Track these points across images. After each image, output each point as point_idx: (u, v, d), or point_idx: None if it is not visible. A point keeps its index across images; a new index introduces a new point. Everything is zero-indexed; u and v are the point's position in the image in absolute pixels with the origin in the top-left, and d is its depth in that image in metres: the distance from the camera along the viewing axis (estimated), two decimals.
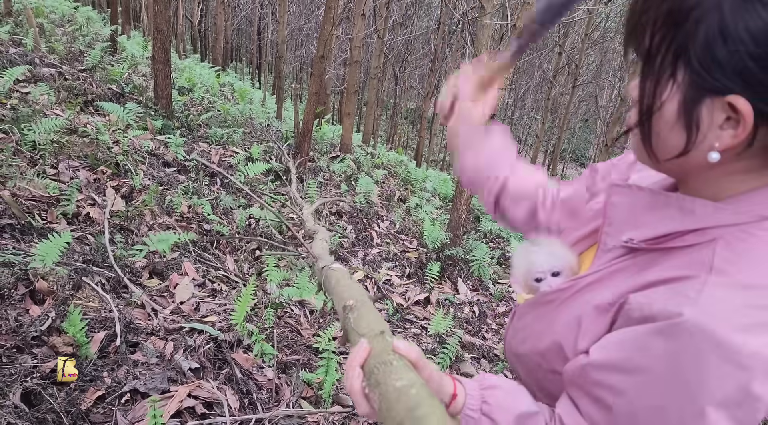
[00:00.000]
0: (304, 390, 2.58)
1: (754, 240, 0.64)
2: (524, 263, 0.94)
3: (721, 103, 0.60)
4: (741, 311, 0.58)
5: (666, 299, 0.63)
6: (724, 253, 0.64)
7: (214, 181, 4.66)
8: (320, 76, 6.11)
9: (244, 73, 23.64)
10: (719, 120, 0.61)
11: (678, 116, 0.64)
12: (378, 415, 0.68)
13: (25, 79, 4.58)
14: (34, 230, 2.79)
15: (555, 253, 0.91)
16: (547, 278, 0.90)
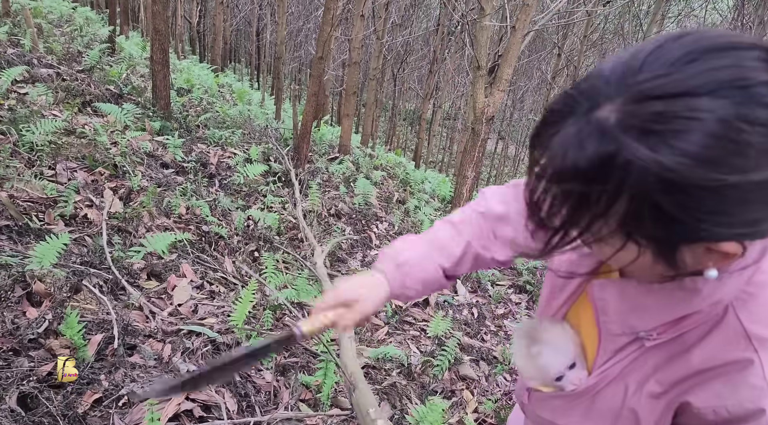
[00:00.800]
0: (302, 392, 2.56)
1: (760, 292, 0.67)
2: (534, 368, 0.90)
3: (695, 247, 0.59)
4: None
5: (738, 399, 0.65)
6: (747, 316, 0.66)
7: (213, 182, 4.65)
8: (319, 77, 6.10)
9: (243, 74, 23.63)
10: (705, 255, 0.60)
11: (656, 262, 0.62)
12: None
13: (23, 80, 4.57)
14: (31, 232, 2.78)
15: (558, 346, 0.88)
16: (566, 374, 0.86)
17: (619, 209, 0.55)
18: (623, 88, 0.54)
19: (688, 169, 0.51)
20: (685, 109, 0.51)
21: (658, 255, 0.60)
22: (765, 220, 0.55)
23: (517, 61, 4.46)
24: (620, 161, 0.53)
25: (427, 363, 3.17)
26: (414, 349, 3.35)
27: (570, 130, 0.56)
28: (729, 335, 0.67)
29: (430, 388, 2.98)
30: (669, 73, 0.52)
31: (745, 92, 0.50)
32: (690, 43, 0.54)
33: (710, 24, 12.35)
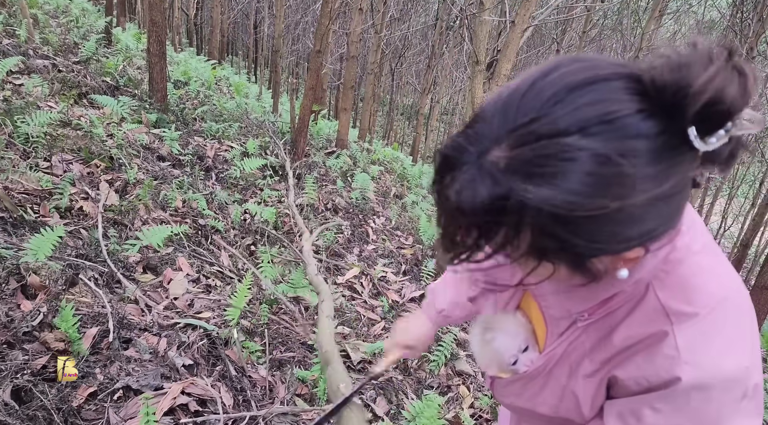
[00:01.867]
0: (298, 387, 2.56)
1: (675, 270, 0.73)
2: (490, 354, 0.98)
3: (603, 258, 0.65)
4: (715, 346, 0.69)
5: (655, 369, 0.71)
6: (664, 293, 0.72)
7: (209, 175, 4.63)
8: (317, 70, 6.07)
9: (240, 67, 23.54)
10: (614, 260, 0.67)
11: (572, 274, 0.67)
12: None
13: (18, 71, 4.53)
14: (26, 224, 2.76)
15: (510, 331, 0.95)
16: (519, 357, 0.94)
17: (524, 238, 0.60)
18: (504, 131, 0.58)
19: (572, 203, 0.55)
20: (560, 150, 0.55)
21: (571, 270, 0.66)
22: (658, 227, 0.61)
23: (516, 56, 4.44)
24: (513, 202, 0.57)
25: (424, 359, 3.17)
26: None
27: (465, 176, 0.60)
28: (649, 311, 0.73)
29: (427, 383, 2.98)
30: (539, 115, 0.57)
31: (612, 126, 0.55)
32: (556, 82, 0.58)
33: (709, 20, 12.33)
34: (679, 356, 0.68)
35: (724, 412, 0.68)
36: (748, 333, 0.71)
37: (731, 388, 0.68)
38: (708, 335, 0.69)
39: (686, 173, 0.59)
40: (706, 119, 0.55)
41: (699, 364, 0.68)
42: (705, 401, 0.68)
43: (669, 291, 0.72)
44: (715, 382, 0.67)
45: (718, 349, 0.69)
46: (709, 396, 0.68)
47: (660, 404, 0.70)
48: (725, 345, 0.69)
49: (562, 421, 0.91)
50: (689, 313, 0.70)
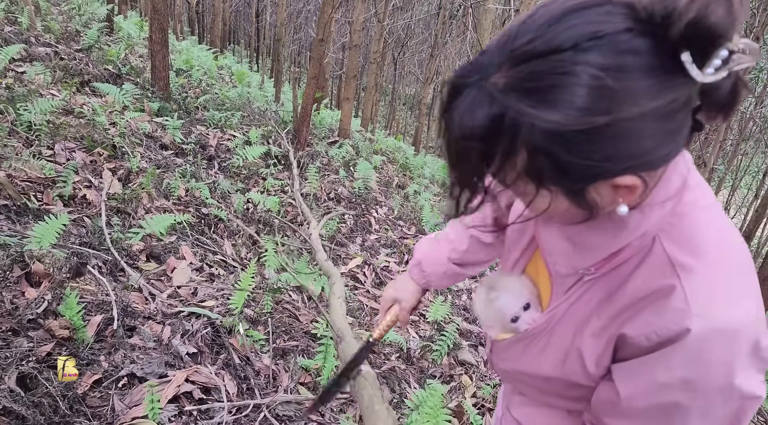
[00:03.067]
0: (302, 376, 2.57)
1: (681, 222, 0.72)
2: (492, 312, 0.97)
3: (603, 184, 0.65)
4: (723, 296, 0.68)
5: (665, 323, 0.70)
6: (670, 245, 0.72)
7: (212, 164, 4.62)
8: (319, 60, 6.05)
9: (242, 56, 23.45)
10: (611, 192, 0.67)
11: (570, 205, 0.69)
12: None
13: (20, 59, 4.51)
14: (29, 212, 2.76)
15: (514, 290, 0.95)
16: (521, 315, 0.93)
17: (520, 162, 0.63)
18: (505, 55, 0.61)
19: (565, 118, 0.57)
20: (553, 66, 0.58)
21: (569, 199, 0.67)
22: (651, 151, 0.62)
23: None
24: (508, 121, 0.60)
25: (426, 348, 3.17)
26: (413, 334, 3.35)
27: (465, 99, 0.63)
28: (656, 264, 0.72)
29: (429, 373, 2.99)
30: (536, 36, 0.59)
31: (604, 41, 0.57)
32: (554, 9, 0.61)
33: None
34: (689, 308, 0.68)
35: (737, 365, 0.67)
36: (753, 287, 0.71)
37: (741, 337, 0.67)
38: (715, 285, 0.69)
39: (682, 98, 0.60)
40: (694, 41, 0.56)
41: (708, 314, 0.67)
42: (715, 351, 0.67)
43: (675, 244, 0.72)
44: (725, 331, 0.67)
45: (726, 299, 0.68)
46: (719, 345, 0.67)
47: (671, 359, 0.69)
48: (733, 294, 0.69)
49: (561, 385, 0.89)
50: (695, 265, 0.70)
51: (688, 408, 0.69)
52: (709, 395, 0.68)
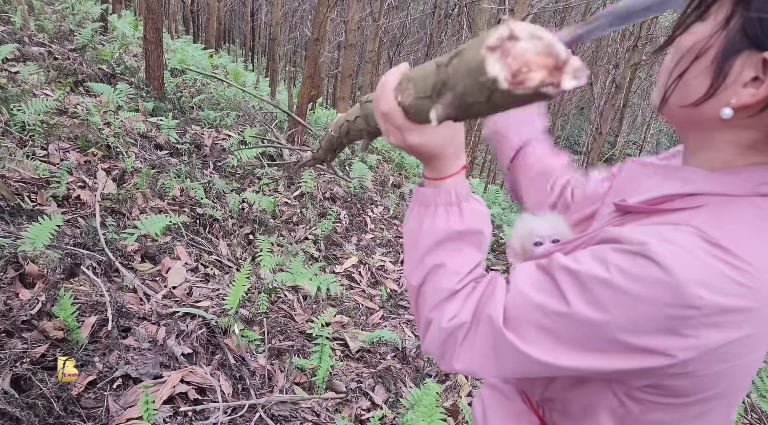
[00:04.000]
0: (297, 376, 2.57)
1: (738, 211, 0.65)
2: (525, 229, 0.95)
3: (756, 59, 0.61)
4: (701, 258, 0.60)
5: (638, 231, 0.65)
6: (705, 217, 0.65)
7: (207, 164, 4.61)
8: (315, 59, 6.04)
9: (237, 55, 23.40)
10: (746, 77, 0.63)
11: (712, 61, 0.65)
12: (413, 98, 0.69)
13: (13, 58, 4.49)
14: (23, 213, 2.75)
15: (556, 224, 0.93)
16: (546, 243, 0.91)
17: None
18: None
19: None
20: None
21: (722, 51, 0.64)
22: None
23: None
24: None
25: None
26: (409, 333, 3.35)
27: None
28: (677, 218, 0.67)
29: (425, 372, 2.99)
30: None
31: None
32: None
33: None
34: (665, 237, 0.62)
35: (648, 313, 0.60)
36: (752, 312, 0.61)
37: (678, 298, 0.59)
38: (702, 254, 0.61)
39: None
40: None
41: (674, 254, 0.60)
42: (648, 280, 0.60)
43: (710, 218, 0.65)
44: (672, 279, 0.59)
45: (699, 267, 0.60)
46: (656, 279, 0.60)
47: (610, 253, 0.64)
48: (709, 273, 0.60)
49: None
50: (707, 232, 0.63)
51: (577, 307, 0.64)
52: (608, 321, 0.63)
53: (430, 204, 0.81)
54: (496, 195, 11.94)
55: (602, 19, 0.73)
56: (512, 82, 0.47)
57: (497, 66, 0.47)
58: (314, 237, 4.28)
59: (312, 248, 4.10)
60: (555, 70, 0.46)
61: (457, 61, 0.54)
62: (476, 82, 0.50)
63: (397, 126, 0.75)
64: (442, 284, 0.78)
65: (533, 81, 0.46)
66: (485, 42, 0.48)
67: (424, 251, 0.80)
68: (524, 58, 0.46)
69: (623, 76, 9.92)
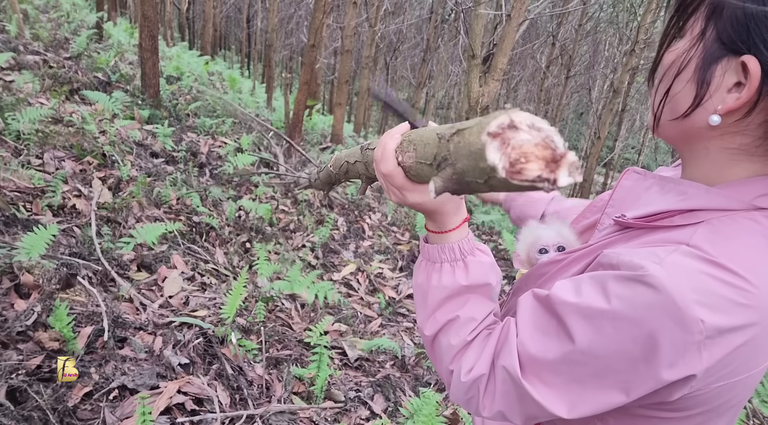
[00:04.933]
0: (295, 385, 2.54)
1: (738, 227, 0.66)
2: (531, 237, 0.97)
3: (735, 64, 0.64)
4: (699, 279, 0.60)
5: (635, 255, 0.65)
6: (705, 233, 0.66)
7: (203, 172, 4.60)
8: (311, 65, 6.04)
9: (233, 61, 23.42)
10: (729, 83, 0.65)
11: (694, 72, 0.68)
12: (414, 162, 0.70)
13: (8, 67, 4.48)
14: (18, 222, 2.73)
15: (562, 232, 0.94)
16: (551, 252, 0.92)
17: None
18: None
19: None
20: None
21: (702, 60, 0.67)
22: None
23: (512, 50, 4.43)
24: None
25: (421, 355, 3.16)
26: (407, 341, 3.33)
27: None
28: (677, 235, 0.68)
29: (424, 380, 2.97)
30: None
31: None
32: None
33: None
34: (663, 260, 0.62)
35: (651, 339, 0.60)
36: (750, 328, 0.61)
37: (677, 320, 0.59)
38: (700, 273, 0.61)
39: None
40: None
41: (672, 276, 0.60)
42: (647, 306, 0.60)
43: (709, 234, 0.65)
44: (671, 301, 0.59)
45: (697, 287, 0.60)
46: (654, 304, 0.60)
47: (608, 281, 0.64)
48: (707, 292, 0.60)
49: None
50: (705, 250, 0.63)
51: (578, 338, 0.65)
52: (608, 349, 0.63)
53: (436, 260, 0.82)
54: None
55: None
56: (510, 172, 0.48)
57: (497, 155, 0.48)
58: (312, 245, 4.27)
59: (309, 256, 4.08)
60: (552, 162, 0.48)
61: (458, 140, 0.56)
62: (476, 165, 0.51)
63: (398, 186, 0.77)
64: (457, 337, 0.79)
65: (530, 173, 0.47)
66: (486, 128, 0.49)
67: (435, 306, 0.82)
68: (522, 149, 0.48)
69: (621, 81, 9.95)
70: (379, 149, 0.78)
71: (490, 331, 0.78)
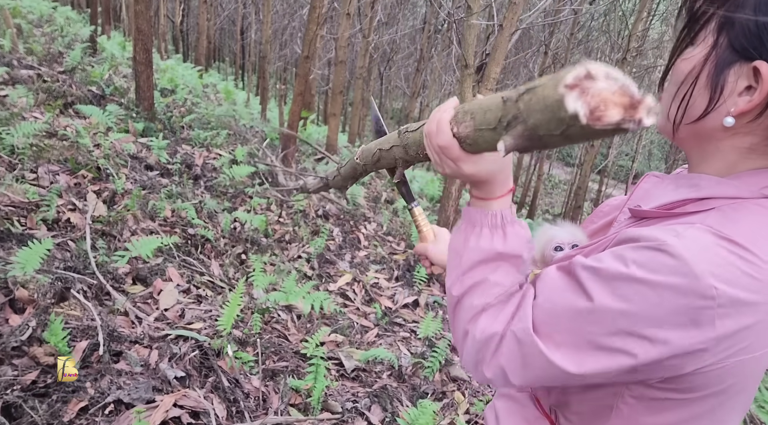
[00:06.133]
0: (292, 397, 2.54)
1: (747, 212, 0.70)
2: (545, 236, 1.00)
3: (747, 69, 0.68)
4: (715, 252, 0.64)
5: (654, 230, 0.70)
6: (717, 217, 0.70)
7: (198, 184, 4.60)
8: (305, 76, 6.06)
9: (228, 73, 23.46)
10: (741, 86, 0.69)
11: (708, 78, 0.72)
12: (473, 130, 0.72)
13: (2, 82, 4.49)
14: (13, 237, 2.72)
15: (576, 233, 0.99)
16: (566, 249, 0.96)
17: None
18: None
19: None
20: None
21: (716, 67, 0.71)
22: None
23: (505, 59, 4.45)
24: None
25: (418, 365, 3.15)
26: (404, 351, 3.33)
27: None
28: (691, 220, 0.71)
29: (421, 390, 2.97)
30: None
31: None
32: None
33: None
34: (682, 234, 0.66)
35: (666, 305, 0.63)
36: (763, 304, 0.65)
37: (694, 290, 0.62)
38: (716, 248, 0.65)
39: None
40: None
41: (690, 249, 0.64)
42: (668, 274, 0.63)
43: (721, 218, 0.69)
44: (689, 270, 0.62)
45: (714, 260, 0.64)
46: (674, 271, 0.63)
47: (627, 251, 0.68)
48: (723, 264, 0.64)
49: None
50: (719, 229, 0.67)
51: (598, 302, 0.68)
52: (624, 313, 0.66)
53: (476, 224, 0.84)
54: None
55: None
56: (591, 118, 0.49)
57: (577, 103, 0.49)
58: (307, 255, 4.27)
59: (305, 267, 4.08)
60: (630, 108, 0.49)
61: (529, 97, 0.57)
62: (553, 117, 0.52)
63: (454, 158, 0.79)
64: (480, 298, 0.81)
65: (612, 117, 0.49)
66: (563, 80, 0.51)
67: (467, 267, 0.83)
68: (602, 96, 0.49)
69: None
70: (432, 123, 0.80)
71: (510, 297, 0.81)
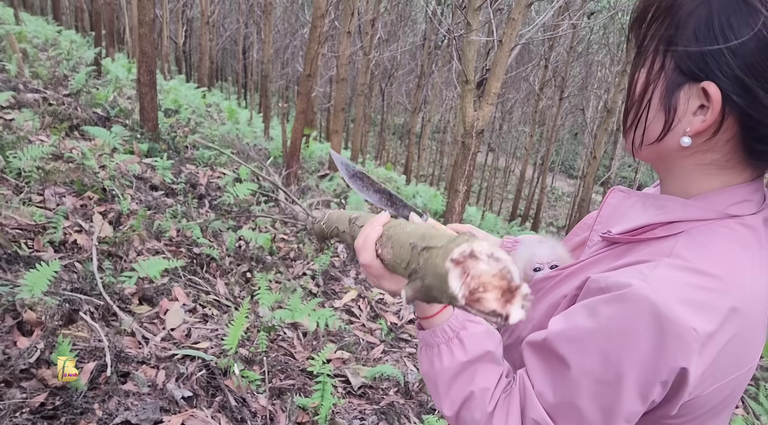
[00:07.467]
0: (299, 415, 2.53)
1: (714, 235, 0.71)
2: (526, 254, 1.00)
3: (697, 90, 0.69)
4: (683, 289, 0.65)
5: (621, 274, 0.69)
6: (685, 243, 0.71)
7: (203, 203, 4.63)
8: (307, 94, 6.12)
9: (230, 92, 23.66)
10: (694, 106, 0.70)
11: (660, 100, 0.73)
12: (392, 259, 0.74)
13: (8, 106, 4.54)
14: (20, 260, 2.74)
15: (557, 250, 0.98)
16: (545, 269, 0.96)
17: (681, 20, 0.70)
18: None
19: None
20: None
21: (666, 89, 0.72)
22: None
23: (505, 73, 4.49)
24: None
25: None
26: (411, 367, 3.32)
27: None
28: (659, 248, 0.72)
29: (428, 406, 2.96)
30: None
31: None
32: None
33: None
34: (648, 275, 0.66)
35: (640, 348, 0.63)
36: (734, 328, 0.66)
37: (666, 330, 0.62)
38: (684, 283, 0.65)
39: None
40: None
41: (657, 289, 0.64)
42: (636, 318, 0.64)
43: (689, 244, 0.70)
44: (657, 312, 0.63)
45: (682, 296, 0.64)
46: (642, 314, 0.63)
47: (598, 305, 0.68)
48: (692, 300, 0.64)
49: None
50: (687, 259, 0.68)
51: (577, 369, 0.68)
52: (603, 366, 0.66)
53: (432, 344, 0.84)
54: (495, 222, 11.97)
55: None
56: (469, 300, 0.52)
57: (458, 283, 0.52)
58: (312, 272, 4.28)
59: (310, 284, 4.09)
60: (507, 291, 0.52)
61: (427, 256, 0.60)
62: (441, 287, 0.55)
63: (376, 275, 0.82)
64: (479, 412, 0.80)
65: (489, 305, 0.52)
66: (450, 254, 0.53)
67: (446, 388, 0.83)
68: (482, 279, 0.52)
69: (614, 101, 10.08)
70: (360, 238, 0.83)
71: (508, 393, 0.80)
